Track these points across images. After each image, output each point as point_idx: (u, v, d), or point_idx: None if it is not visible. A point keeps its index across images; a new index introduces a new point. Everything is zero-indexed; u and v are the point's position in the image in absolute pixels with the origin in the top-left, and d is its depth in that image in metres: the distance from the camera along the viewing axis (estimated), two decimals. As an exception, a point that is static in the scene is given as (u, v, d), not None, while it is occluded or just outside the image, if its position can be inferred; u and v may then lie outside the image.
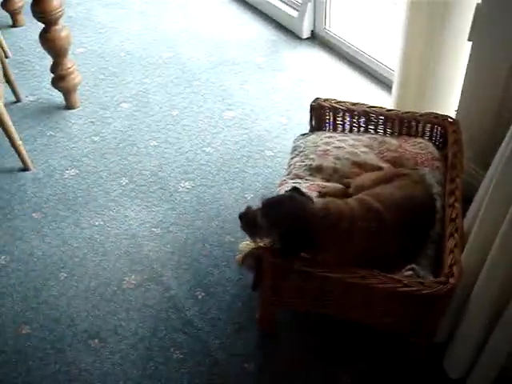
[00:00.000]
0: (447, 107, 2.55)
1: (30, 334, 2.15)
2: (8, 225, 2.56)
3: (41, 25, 2.90)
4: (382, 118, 2.29)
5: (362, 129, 2.34)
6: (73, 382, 2.01)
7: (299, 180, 2.11)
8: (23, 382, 2.02)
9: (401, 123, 2.27)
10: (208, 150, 2.91)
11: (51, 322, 2.19)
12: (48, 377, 2.03)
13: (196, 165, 2.82)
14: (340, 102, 2.31)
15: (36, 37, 3.00)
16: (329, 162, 2.14)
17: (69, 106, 3.20)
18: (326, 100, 2.31)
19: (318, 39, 3.66)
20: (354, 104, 2.30)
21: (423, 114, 2.25)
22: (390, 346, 2.05)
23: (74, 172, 2.81)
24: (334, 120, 2.35)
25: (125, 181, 2.75)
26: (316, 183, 2.08)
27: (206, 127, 3.04)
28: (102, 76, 3.43)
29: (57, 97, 3.24)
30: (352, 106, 2.29)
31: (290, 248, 1.69)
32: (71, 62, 3.07)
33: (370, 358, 2.04)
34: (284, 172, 2.26)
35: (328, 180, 2.12)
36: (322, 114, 2.34)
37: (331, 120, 2.35)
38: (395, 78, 2.70)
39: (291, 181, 2.10)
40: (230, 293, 2.27)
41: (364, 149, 2.20)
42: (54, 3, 2.79)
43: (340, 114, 2.33)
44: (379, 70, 3.28)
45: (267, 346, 2.10)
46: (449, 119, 2.19)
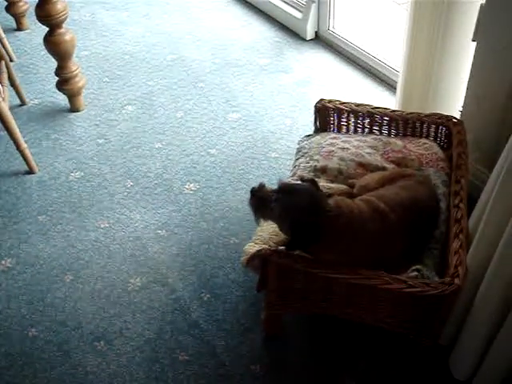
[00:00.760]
0: (452, 107, 2.55)
1: (36, 337, 2.16)
2: (14, 228, 2.56)
3: (45, 28, 2.91)
4: (387, 118, 2.28)
5: (366, 130, 2.34)
6: (79, 385, 2.02)
7: (304, 181, 2.11)
8: (30, 384, 2.03)
9: (405, 124, 2.27)
10: (213, 151, 2.91)
11: (57, 325, 2.20)
12: (54, 379, 2.03)
13: (201, 167, 2.83)
14: (344, 103, 2.31)
15: (40, 40, 3.01)
16: (333, 163, 2.14)
17: (73, 108, 3.20)
18: (330, 101, 2.31)
19: (322, 40, 3.66)
20: (358, 105, 2.30)
21: (428, 115, 2.24)
22: (396, 347, 2.05)
23: (79, 175, 2.81)
24: (339, 121, 2.35)
25: (130, 183, 2.76)
26: (321, 184, 2.08)
27: (210, 129, 3.05)
28: (107, 79, 3.44)
29: (61, 100, 3.25)
30: (356, 107, 2.29)
31: (298, 240, 1.69)
32: (75, 65, 3.08)
33: (375, 358, 2.04)
34: (289, 173, 2.27)
35: (333, 181, 2.12)
36: (327, 115, 2.34)
37: (336, 121, 2.35)
38: (399, 79, 2.70)
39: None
40: (236, 294, 2.27)
41: (368, 150, 2.20)
42: (58, 6, 2.80)
43: (344, 115, 2.33)
44: (383, 71, 3.28)
45: (273, 348, 2.10)
46: (453, 120, 2.19)
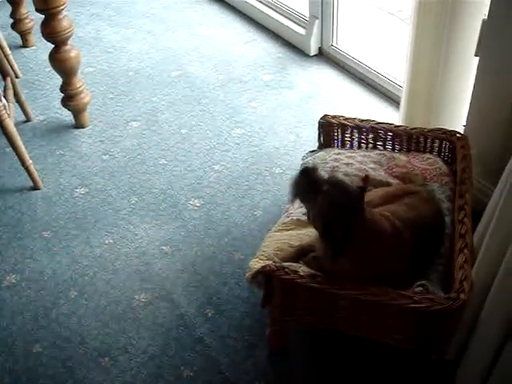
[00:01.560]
0: (455, 122, 2.55)
1: (40, 353, 2.16)
2: (18, 243, 2.57)
3: (50, 45, 2.94)
4: (391, 134, 2.29)
5: (370, 145, 2.34)
6: (83, 401, 2.02)
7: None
8: (34, 401, 2.02)
9: (409, 139, 2.27)
10: (217, 167, 2.92)
11: (62, 341, 2.19)
12: (59, 396, 2.03)
13: (205, 182, 2.83)
14: (348, 118, 2.32)
15: (45, 57, 3.04)
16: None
17: (78, 125, 3.22)
18: (334, 117, 2.32)
19: (326, 56, 3.68)
20: (362, 120, 2.31)
21: (431, 130, 2.25)
22: (402, 362, 2.04)
23: (83, 190, 2.82)
24: (343, 137, 2.35)
25: (134, 199, 2.76)
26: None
27: (214, 145, 3.06)
28: (111, 95, 3.46)
29: (66, 116, 3.27)
30: (360, 123, 2.30)
31: (337, 242, 1.65)
32: (80, 81, 3.10)
33: (381, 374, 2.03)
34: (293, 189, 2.27)
35: (337, 196, 2.12)
36: (331, 131, 2.35)
37: (339, 137, 2.35)
38: (403, 94, 2.70)
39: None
40: (240, 310, 2.26)
41: (373, 165, 2.20)
42: (64, 24, 2.82)
43: (348, 131, 2.33)
44: (387, 86, 3.29)
45: (277, 364, 2.09)
46: (457, 135, 2.19)
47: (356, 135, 2.34)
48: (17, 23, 3.82)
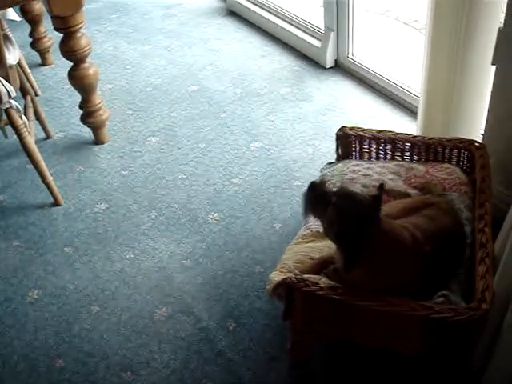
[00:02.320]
0: (474, 131, 2.54)
1: (63, 368, 2.17)
2: (40, 259, 2.59)
3: (69, 63, 2.97)
4: (408, 144, 2.29)
5: (388, 156, 2.34)
6: (107, 416, 2.02)
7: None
8: (58, 416, 2.04)
9: (427, 149, 2.27)
10: (236, 181, 2.93)
11: (84, 356, 2.21)
12: (82, 410, 2.04)
13: (224, 196, 2.85)
14: (366, 130, 2.32)
15: (64, 74, 3.08)
16: (356, 189, 2.14)
17: (97, 141, 3.25)
18: (351, 128, 2.33)
19: (342, 68, 3.69)
20: (379, 131, 2.31)
21: (449, 140, 2.25)
22: (425, 373, 2.02)
23: (104, 206, 2.85)
24: (361, 148, 2.36)
25: (154, 214, 2.78)
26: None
27: (233, 159, 3.07)
28: (130, 111, 3.49)
29: (85, 132, 3.30)
30: (378, 134, 2.30)
31: (351, 254, 1.66)
32: (99, 98, 3.13)
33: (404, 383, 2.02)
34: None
35: (356, 208, 2.12)
36: (348, 143, 2.35)
37: (357, 148, 2.36)
38: (420, 104, 2.70)
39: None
40: (261, 323, 2.26)
41: (391, 176, 2.20)
42: (82, 42, 2.86)
43: (366, 142, 2.34)
44: (404, 96, 3.29)
45: (299, 376, 2.09)
46: (475, 144, 2.19)
47: (374, 146, 2.34)
48: (36, 42, 3.87)
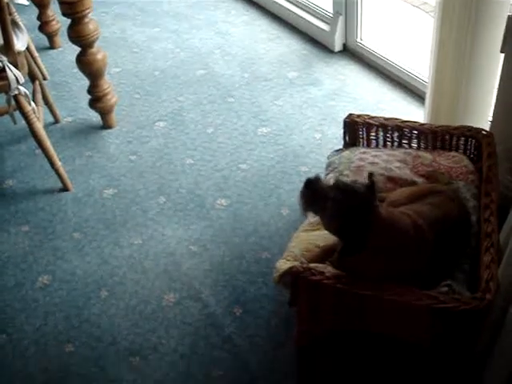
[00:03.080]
0: (481, 118, 2.54)
1: (73, 353, 2.20)
2: (50, 245, 2.62)
3: (77, 47, 2.97)
4: (416, 132, 2.28)
5: (395, 144, 2.34)
6: (115, 400, 2.06)
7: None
8: (67, 400, 2.07)
9: (434, 137, 2.26)
10: (243, 166, 2.94)
11: (93, 340, 2.24)
12: (91, 395, 2.08)
13: (232, 182, 2.86)
14: (373, 117, 2.32)
15: (72, 58, 3.07)
16: (363, 177, 2.15)
17: (106, 126, 3.26)
18: (359, 116, 2.32)
19: (350, 52, 3.67)
20: (387, 119, 2.30)
21: (457, 128, 2.24)
22: (428, 361, 2.04)
23: (112, 191, 2.86)
24: (368, 135, 2.35)
25: (162, 199, 2.80)
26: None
27: (240, 144, 3.08)
28: (138, 95, 3.49)
29: (94, 117, 3.31)
30: (385, 121, 2.29)
31: (349, 243, 1.69)
32: (107, 83, 3.14)
33: (408, 372, 2.03)
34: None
35: (363, 196, 2.12)
36: (356, 130, 2.35)
37: (365, 135, 2.35)
38: (428, 90, 2.69)
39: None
40: (268, 309, 2.29)
41: (398, 164, 2.20)
42: (90, 27, 2.86)
43: (373, 130, 2.33)
44: (412, 82, 3.28)
45: (305, 363, 2.11)
46: (483, 132, 2.18)
47: (381, 134, 2.33)
48: (44, 25, 3.87)
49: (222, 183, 2.86)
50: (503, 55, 2.25)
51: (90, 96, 3.17)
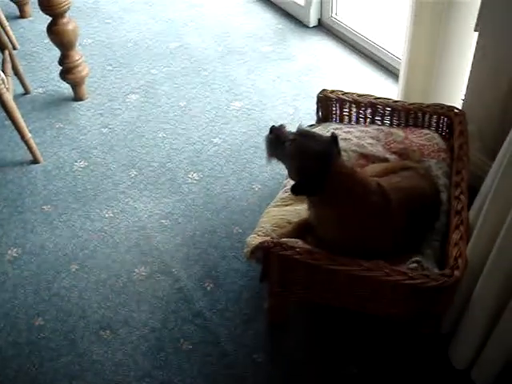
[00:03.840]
0: (454, 97, 2.55)
1: (42, 326, 2.19)
2: (19, 218, 2.59)
3: (48, 16, 2.91)
4: (389, 109, 2.29)
5: (368, 120, 2.35)
6: (85, 373, 2.05)
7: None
8: (37, 373, 2.05)
9: (407, 114, 2.28)
10: (216, 140, 2.92)
11: (63, 314, 2.23)
12: (61, 368, 2.06)
13: (204, 156, 2.84)
14: (346, 93, 2.32)
15: (43, 28, 3.01)
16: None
17: (77, 97, 3.22)
18: (332, 91, 2.32)
19: (325, 27, 3.66)
20: (360, 95, 2.31)
21: (429, 105, 2.25)
22: (396, 335, 2.07)
23: (83, 164, 2.83)
24: (341, 111, 2.36)
25: (133, 172, 2.78)
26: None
27: (213, 118, 3.06)
28: (110, 67, 3.45)
29: (65, 88, 3.27)
30: (358, 98, 2.30)
31: (303, 184, 1.71)
32: (79, 54, 3.09)
33: (376, 347, 2.07)
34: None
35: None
36: (329, 106, 2.35)
37: (338, 111, 2.36)
38: (402, 67, 2.69)
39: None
40: (239, 284, 2.29)
41: (370, 140, 2.21)
42: (61, -4, 2.81)
43: (346, 106, 2.34)
44: (386, 59, 3.28)
45: (275, 337, 2.13)
46: (455, 110, 2.20)
47: (354, 110, 2.34)
48: (14, -7, 3.79)
49: (194, 157, 2.84)
50: (477, 34, 2.25)
51: (61, 67, 3.11)
